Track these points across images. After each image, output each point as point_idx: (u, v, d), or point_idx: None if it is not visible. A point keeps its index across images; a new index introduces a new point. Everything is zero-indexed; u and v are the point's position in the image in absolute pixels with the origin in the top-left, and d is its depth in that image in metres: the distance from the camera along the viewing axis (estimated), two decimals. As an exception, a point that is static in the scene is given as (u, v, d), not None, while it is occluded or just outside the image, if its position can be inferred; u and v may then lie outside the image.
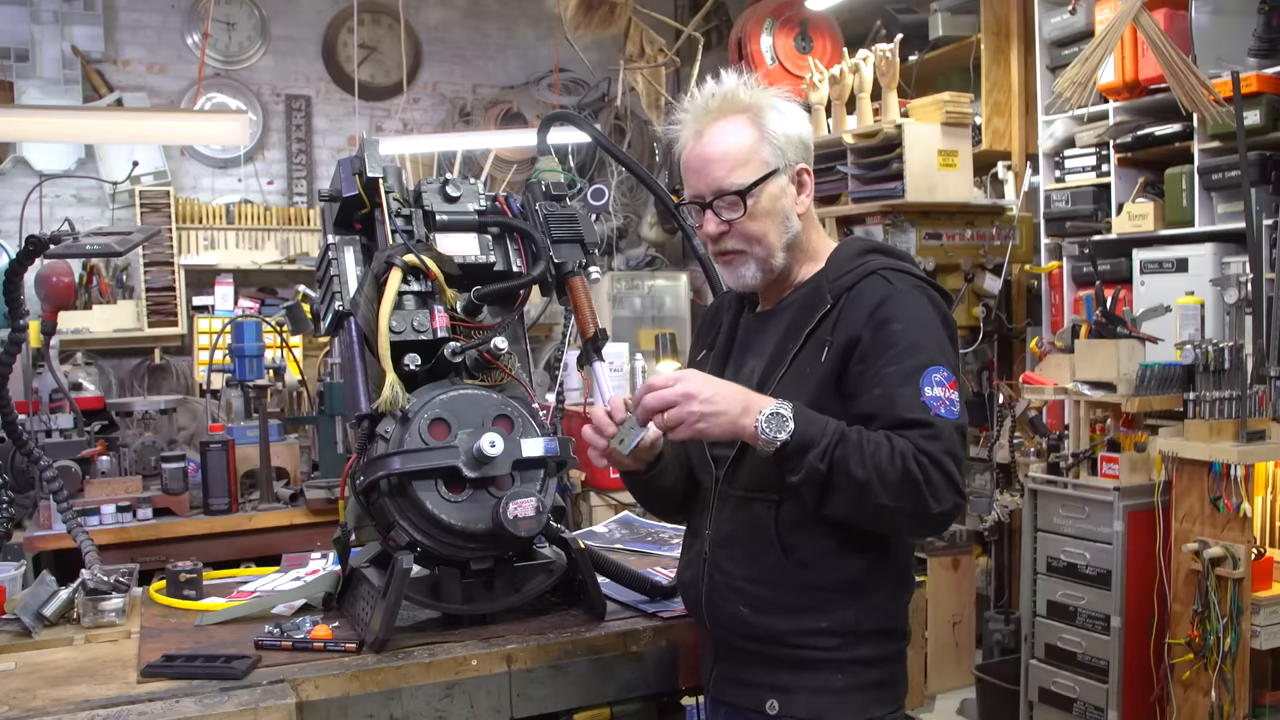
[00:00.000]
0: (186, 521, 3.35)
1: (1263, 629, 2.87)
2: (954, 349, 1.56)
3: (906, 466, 1.42)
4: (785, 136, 1.63)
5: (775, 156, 1.62)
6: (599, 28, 4.92)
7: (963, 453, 1.49)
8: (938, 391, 1.48)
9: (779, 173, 1.62)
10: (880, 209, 4.10)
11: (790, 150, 1.63)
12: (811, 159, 1.67)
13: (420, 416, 1.70)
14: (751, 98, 1.64)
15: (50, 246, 2.17)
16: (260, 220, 6.08)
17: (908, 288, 1.56)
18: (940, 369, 1.49)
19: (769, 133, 1.62)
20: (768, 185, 1.61)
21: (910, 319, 1.52)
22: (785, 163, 1.62)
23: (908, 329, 1.51)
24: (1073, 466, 3.38)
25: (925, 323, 1.53)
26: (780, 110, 1.64)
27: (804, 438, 1.44)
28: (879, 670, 1.57)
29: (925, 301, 1.56)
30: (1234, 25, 3.56)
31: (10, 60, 5.59)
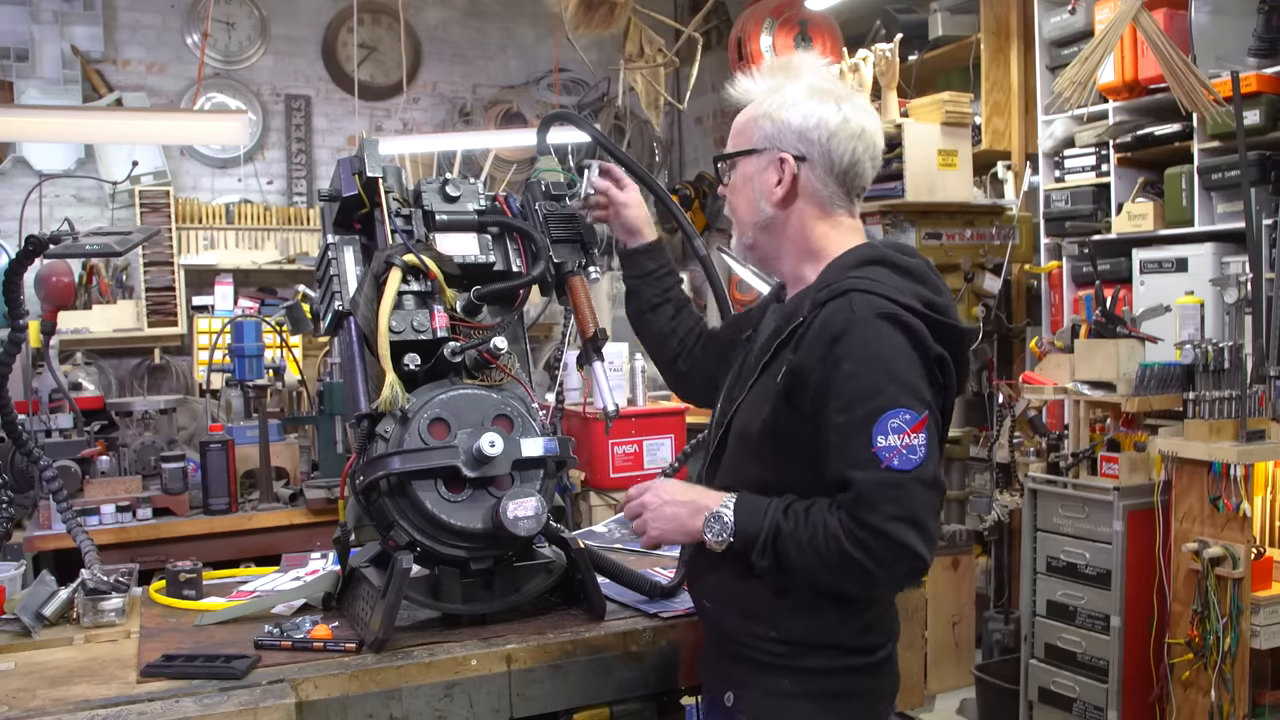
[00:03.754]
0: (186, 521, 3.35)
1: (1262, 629, 2.87)
2: (928, 380, 1.45)
3: (842, 549, 1.39)
4: (782, 123, 1.59)
5: (762, 138, 1.61)
6: (599, 28, 4.92)
7: (928, 499, 1.41)
8: (892, 440, 1.39)
9: (759, 153, 1.61)
10: (880, 209, 4.10)
11: (783, 137, 1.59)
12: (815, 155, 1.59)
13: (420, 416, 1.70)
14: (781, 79, 1.63)
15: (50, 246, 2.17)
16: (260, 220, 6.08)
17: (870, 317, 1.44)
18: (898, 413, 1.39)
19: (767, 114, 1.60)
20: (743, 162, 1.63)
21: (865, 358, 1.42)
22: (767, 145, 1.60)
23: (860, 370, 1.42)
24: (1072, 466, 3.38)
25: (883, 358, 1.42)
26: (795, 99, 1.59)
27: (745, 537, 1.48)
28: (834, 680, 1.53)
29: (889, 334, 1.43)
30: (1234, 25, 3.56)
31: (10, 60, 5.60)
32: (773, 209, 1.61)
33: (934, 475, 1.42)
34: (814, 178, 1.60)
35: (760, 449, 1.56)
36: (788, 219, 1.61)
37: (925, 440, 1.40)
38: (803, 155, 1.59)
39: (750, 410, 1.57)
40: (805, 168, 1.59)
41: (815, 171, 1.60)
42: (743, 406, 1.60)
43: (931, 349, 1.46)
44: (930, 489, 1.42)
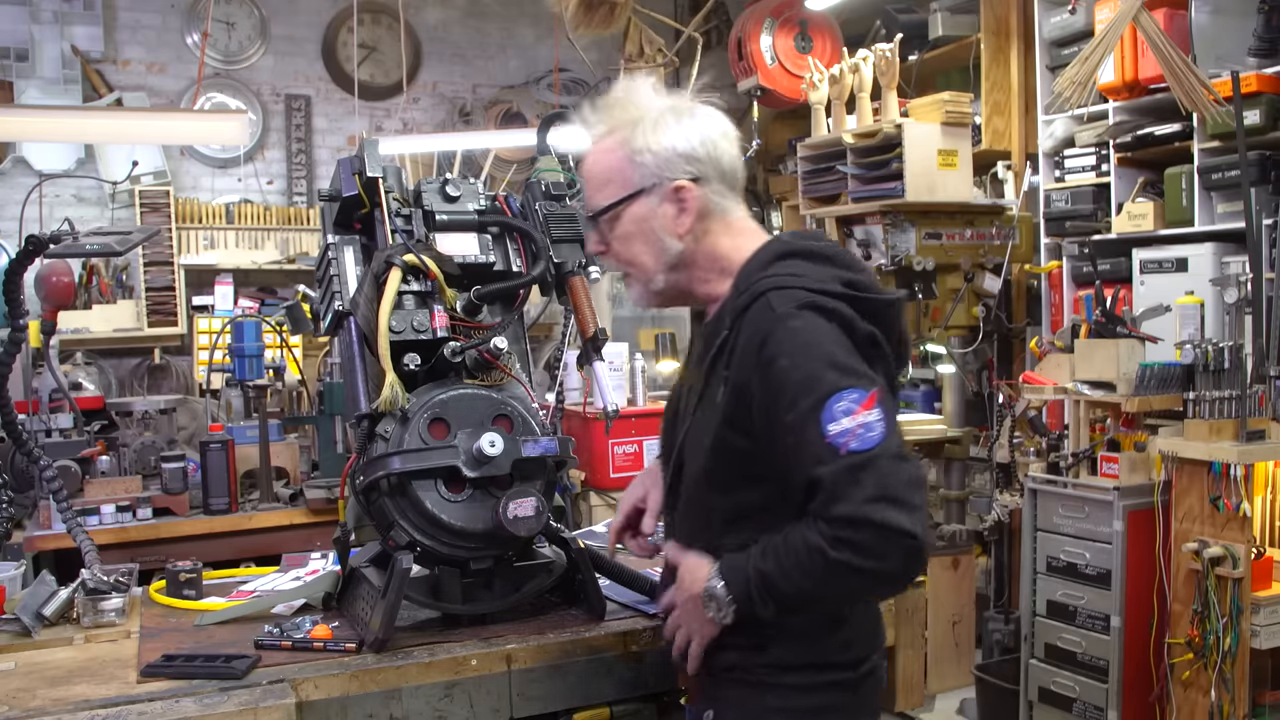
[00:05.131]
0: (186, 521, 3.35)
1: (1262, 629, 2.87)
2: (863, 356, 1.39)
3: (827, 559, 1.31)
4: (658, 152, 1.49)
5: (643, 175, 1.50)
6: (599, 27, 4.92)
7: (902, 472, 1.32)
8: (844, 423, 1.31)
9: (646, 193, 1.50)
10: (880, 209, 4.10)
11: (666, 167, 1.49)
12: (708, 170, 1.51)
13: (420, 416, 1.70)
14: (633, 112, 1.52)
15: (50, 246, 2.18)
16: (260, 220, 6.08)
17: (791, 310, 1.38)
18: (843, 394, 1.32)
19: (638, 149, 1.50)
20: (630, 208, 1.51)
21: (796, 349, 1.36)
22: (656, 180, 1.50)
23: (795, 363, 1.36)
24: (1072, 466, 3.37)
25: (815, 346, 1.37)
26: (660, 123, 1.50)
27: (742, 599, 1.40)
28: (815, 696, 1.48)
29: (814, 322, 1.38)
30: (1234, 25, 3.56)
31: (10, 60, 5.59)
32: (681, 243, 1.51)
33: (898, 448, 1.34)
34: (713, 194, 1.52)
35: (716, 477, 1.49)
36: (697, 246, 1.52)
37: (881, 414, 1.32)
38: (697, 176, 1.50)
39: (697, 439, 1.51)
40: (702, 188, 1.51)
41: (713, 187, 1.52)
42: (689, 436, 1.53)
43: (860, 328, 1.41)
44: (899, 460, 1.33)
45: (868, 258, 4.19)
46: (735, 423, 1.43)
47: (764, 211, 6.45)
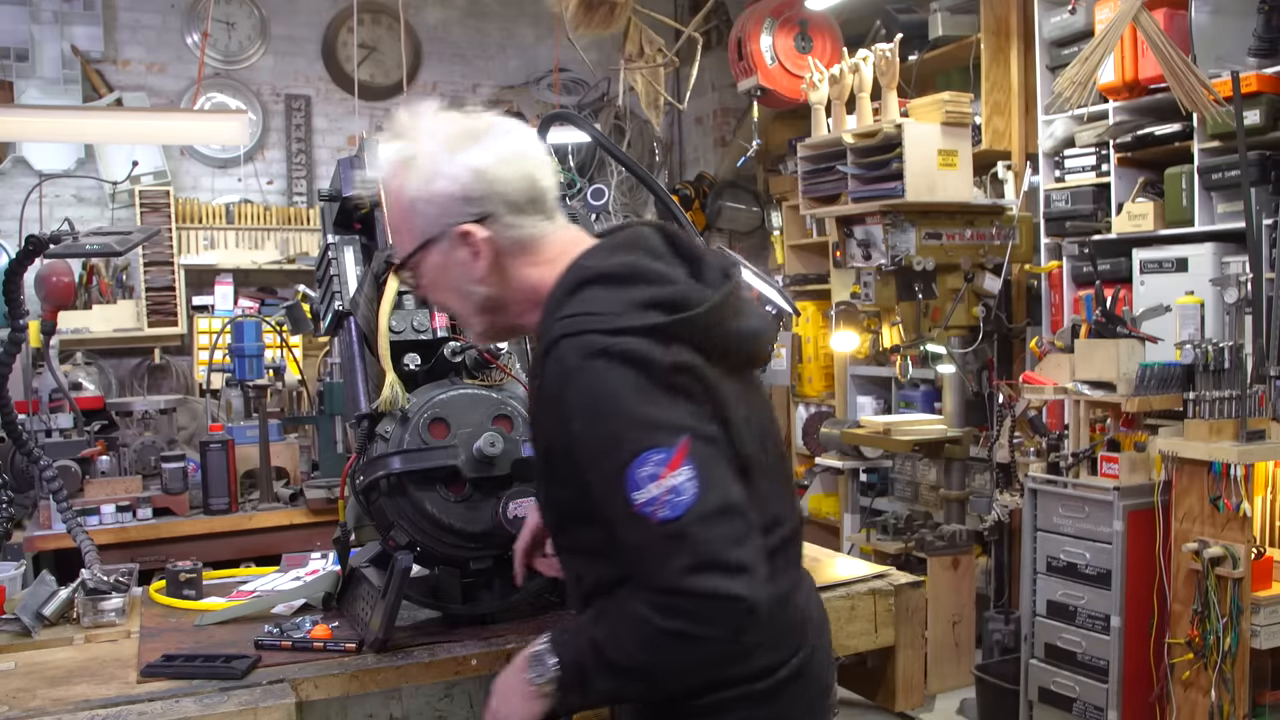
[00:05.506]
0: (186, 521, 3.35)
1: (1262, 629, 2.87)
2: (672, 389, 1.26)
3: (660, 629, 1.23)
4: (433, 200, 1.37)
5: (427, 224, 1.39)
6: (599, 27, 4.92)
7: (719, 532, 1.21)
8: (651, 490, 1.21)
9: (435, 242, 1.39)
10: (880, 209, 4.09)
11: (445, 214, 1.37)
12: (493, 206, 1.37)
13: (420, 416, 1.71)
14: (408, 153, 1.39)
15: (50, 246, 2.18)
16: (260, 220, 6.08)
17: (579, 362, 1.26)
18: (645, 457, 1.22)
19: (414, 199, 1.39)
20: (425, 258, 1.41)
21: (589, 411, 1.26)
22: (440, 228, 1.38)
23: (590, 426, 1.26)
24: (1072, 466, 3.38)
25: (608, 402, 1.25)
26: (432, 167, 1.37)
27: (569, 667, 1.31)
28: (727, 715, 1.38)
29: (606, 372, 1.25)
30: (1234, 25, 3.56)
31: (10, 60, 5.59)
32: (484, 286, 1.40)
33: (717, 504, 1.23)
34: (505, 228, 1.38)
35: (556, 522, 1.44)
36: (505, 285, 1.41)
37: (691, 470, 1.22)
38: (481, 215, 1.37)
39: (541, 494, 1.47)
40: (491, 225, 1.38)
41: (503, 221, 1.38)
42: (539, 491, 1.49)
43: (662, 362, 1.26)
44: (717, 519, 1.22)
45: (868, 258, 4.19)
46: (553, 477, 1.38)
47: (764, 211, 6.45)
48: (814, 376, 5.94)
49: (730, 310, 1.36)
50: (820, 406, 5.88)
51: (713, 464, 1.25)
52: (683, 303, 1.31)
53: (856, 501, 5.22)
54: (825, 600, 1.95)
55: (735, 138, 6.53)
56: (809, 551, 2.34)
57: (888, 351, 4.52)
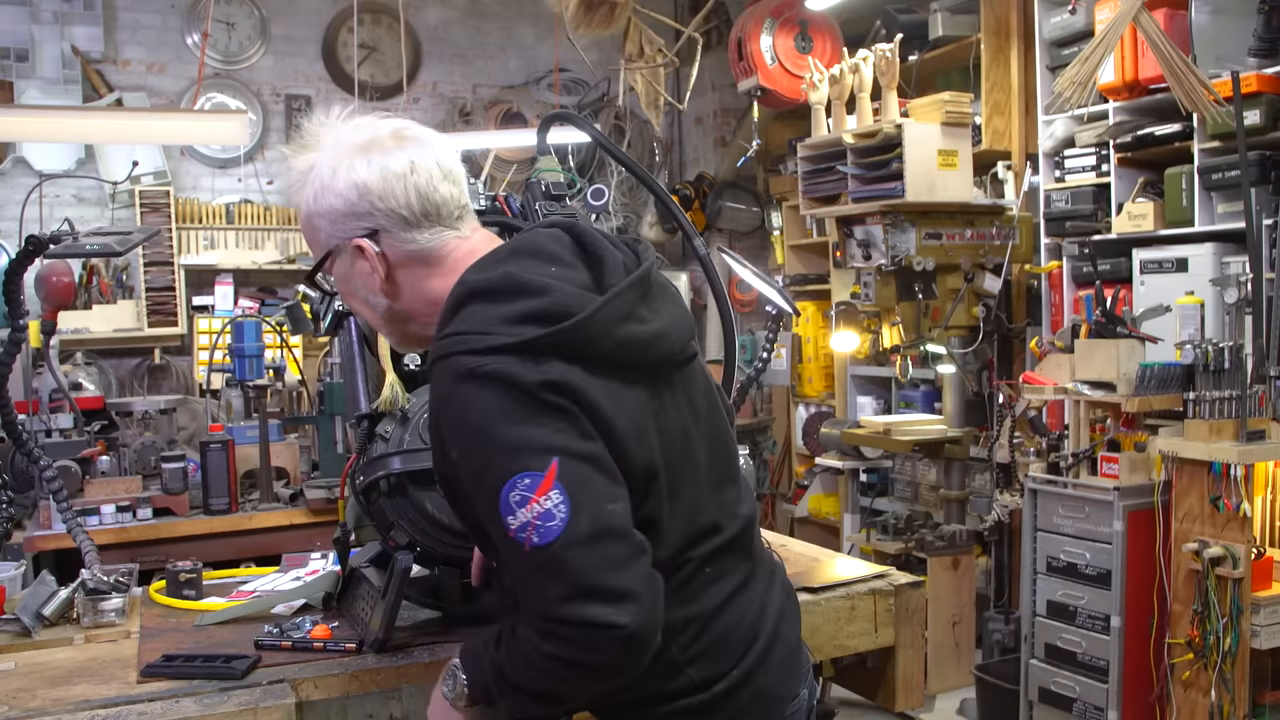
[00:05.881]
0: (186, 521, 3.35)
1: (1262, 629, 2.87)
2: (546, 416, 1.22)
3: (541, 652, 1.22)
4: (330, 212, 1.39)
5: (326, 238, 1.41)
6: (599, 27, 4.92)
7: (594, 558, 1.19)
8: (522, 516, 1.19)
9: (335, 254, 1.41)
10: (880, 209, 4.10)
11: (337, 228, 1.39)
12: (383, 220, 1.37)
13: (420, 416, 1.71)
14: (303, 165, 1.42)
15: (50, 246, 2.18)
16: (260, 220, 6.08)
17: (451, 387, 1.25)
18: (514, 482, 1.19)
19: (311, 214, 1.41)
20: (331, 268, 1.44)
21: (461, 436, 1.25)
22: (337, 242, 1.40)
23: (463, 452, 1.25)
24: (1073, 466, 3.38)
25: (477, 429, 1.23)
26: (321, 183, 1.39)
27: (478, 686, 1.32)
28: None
29: (473, 396, 1.23)
30: (1234, 25, 3.56)
31: (10, 60, 5.59)
32: (385, 298, 1.41)
33: (590, 528, 1.19)
34: (398, 242, 1.38)
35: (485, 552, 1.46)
36: (404, 296, 1.41)
37: (562, 494, 1.19)
38: (370, 229, 1.38)
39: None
40: (384, 239, 1.38)
41: (395, 236, 1.38)
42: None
43: (529, 380, 1.22)
44: (591, 544, 1.19)
45: (868, 258, 4.19)
46: (453, 500, 1.38)
47: (764, 212, 6.45)
48: (814, 376, 5.94)
49: (623, 313, 1.30)
50: (820, 406, 5.88)
51: (586, 485, 1.21)
52: (559, 313, 1.26)
53: (856, 501, 5.22)
54: (825, 600, 1.95)
55: (735, 138, 6.53)
56: (809, 552, 2.34)
57: (888, 351, 4.52)
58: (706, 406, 1.44)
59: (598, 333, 1.27)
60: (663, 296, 1.39)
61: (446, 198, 1.40)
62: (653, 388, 1.33)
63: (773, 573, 1.49)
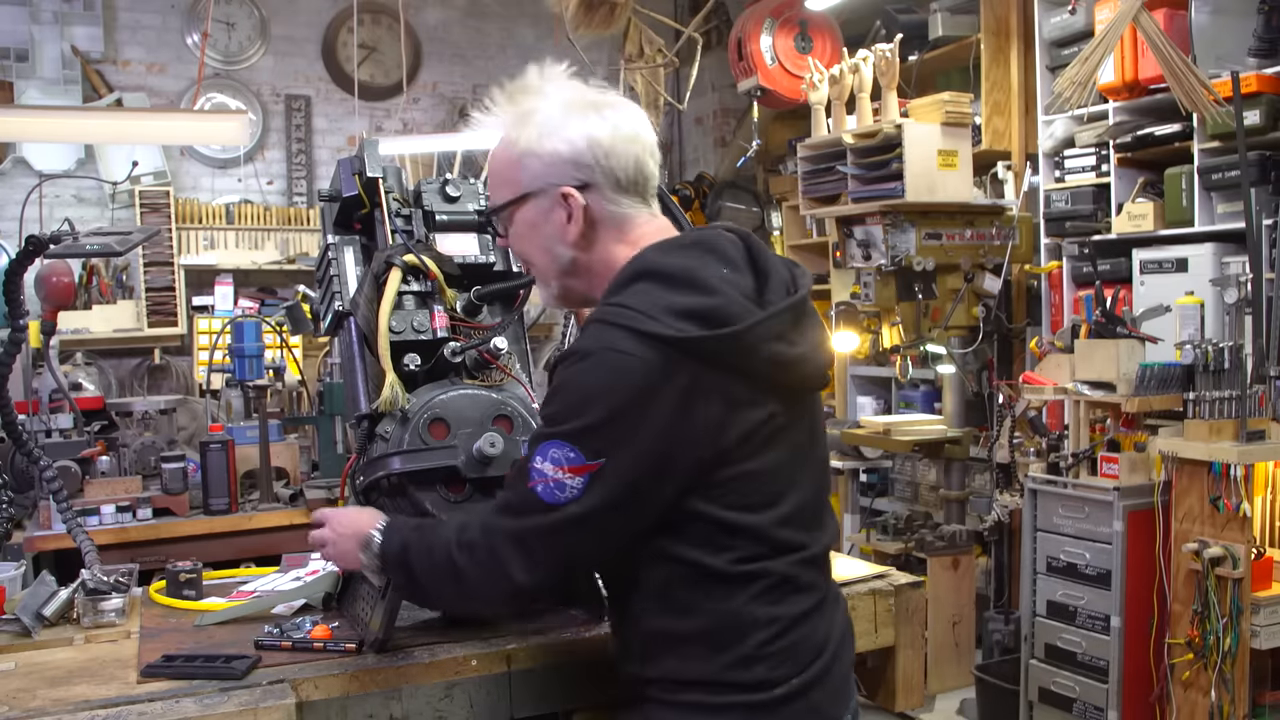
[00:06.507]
0: (186, 521, 3.35)
1: (1262, 629, 2.87)
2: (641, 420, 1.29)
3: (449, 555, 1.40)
4: (550, 154, 1.41)
5: (531, 178, 1.43)
6: (599, 28, 4.92)
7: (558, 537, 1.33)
8: (547, 469, 1.31)
9: (534, 197, 1.44)
10: (880, 209, 4.10)
11: (550, 173, 1.42)
12: (598, 176, 1.41)
13: (420, 416, 1.70)
14: (527, 107, 1.44)
15: (50, 246, 2.18)
16: (260, 220, 6.09)
17: (599, 347, 1.31)
18: (563, 446, 1.31)
19: (523, 152, 1.43)
20: (519, 211, 1.46)
21: (572, 385, 1.33)
22: (543, 185, 1.42)
23: (562, 394, 1.35)
24: (1072, 466, 3.38)
25: (584, 392, 1.32)
26: (550, 124, 1.42)
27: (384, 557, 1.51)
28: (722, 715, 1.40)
29: (607, 365, 1.30)
30: (1234, 25, 3.56)
31: (10, 60, 5.60)
32: (572, 250, 1.45)
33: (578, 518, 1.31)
34: (605, 200, 1.43)
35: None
36: (591, 253, 1.45)
37: (583, 486, 1.30)
38: (585, 182, 1.42)
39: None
40: (592, 194, 1.42)
41: (604, 194, 1.43)
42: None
43: (659, 379, 1.29)
44: (564, 532, 1.33)
45: (868, 258, 4.19)
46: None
47: (764, 212, 6.45)
48: (814, 376, 5.93)
49: (775, 333, 1.36)
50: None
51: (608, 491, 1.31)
52: (721, 318, 1.32)
53: (856, 501, 5.22)
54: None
55: (735, 138, 6.53)
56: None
57: (888, 352, 4.52)
58: (819, 432, 1.52)
59: (750, 346, 1.34)
60: (811, 324, 1.46)
61: (651, 174, 1.47)
62: (784, 404, 1.39)
63: (838, 600, 1.55)
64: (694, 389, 1.31)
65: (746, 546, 1.37)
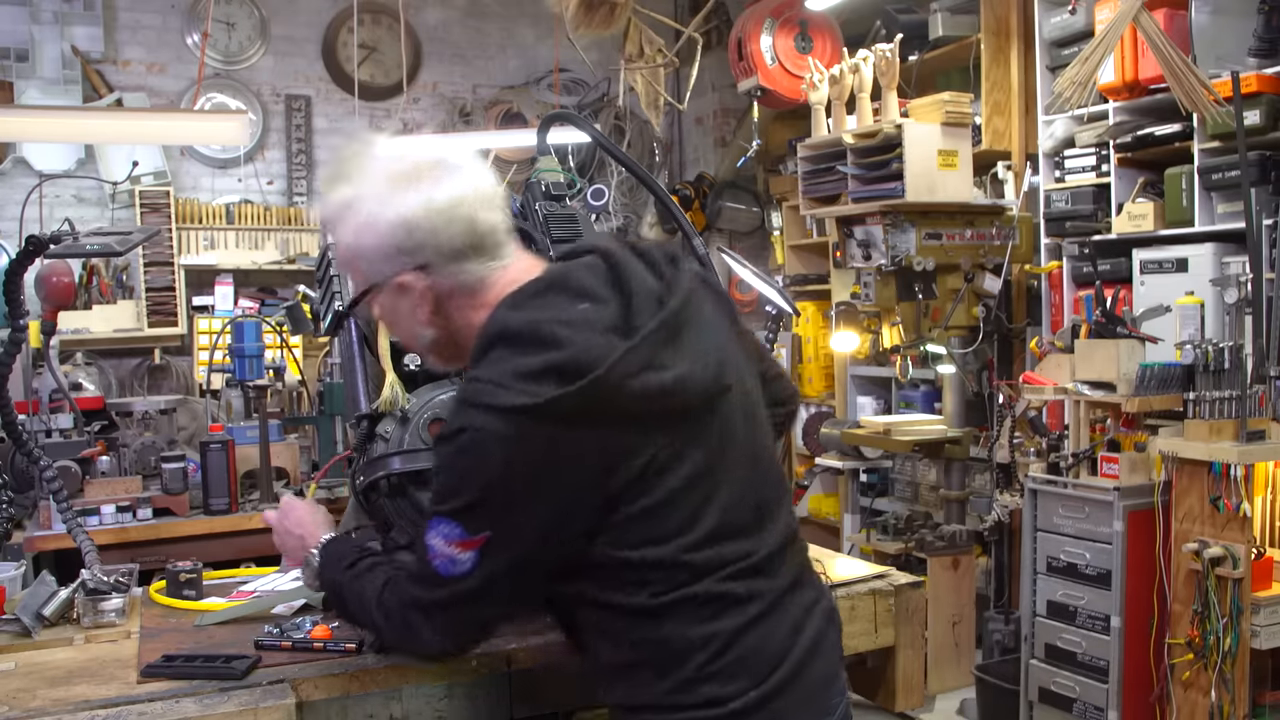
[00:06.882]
0: (186, 521, 3.35)
1: (1262, 629, 2.87)
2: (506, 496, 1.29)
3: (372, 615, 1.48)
4: (369, 251, 1.38)
5: (368, 272, 1.41)
6: (599, 28, 4.92)
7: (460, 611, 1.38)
8: (439, 545, 1.32)
9: (376, 288, 1.41)
10: (880, 209, 4.10)
11: (383, 263, 1.38)
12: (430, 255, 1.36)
13: (420, 416, 1.70)
14: (348, 194, 1.39)
15: (50, 246, 2.18)
16: (260, 220, 6.08)
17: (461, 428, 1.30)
18: (448, 523, 1.31)
19: (352, 248, 1.40)
20: (371, 300, 1.44)
21: (445, 466, 1.34)
22: (380, 278, 1.40)
23: (441, 474, 1.35)
24: (1073, 466, 3.37)
25: (456, 472, 1.32)
26: (370, 215, 1.36)
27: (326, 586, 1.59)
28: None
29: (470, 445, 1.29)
30: (1234, 25, 3.56)
31: (10, 60, 5.59)
32: (430, 329, 1.42)
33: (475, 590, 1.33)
34: (446, 275, 1.38)
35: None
36: (450, 325, 1.42)
37: (473, 559, 1.31)
38: (419, 264, 1.37)
39: None
40: (431, 273, 1.38)
41: (443, 269, 1.38)
42: None
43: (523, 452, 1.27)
44: (465, 603, 1.37)
45: (868, 258, 4.19)
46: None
47: (764, 212, 6.45)
48: (814, 376, 5.94)
49: (642, 362, 1.29)
50: (820, 406, 5.88)
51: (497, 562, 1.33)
52: (575, 369, 1.26)
53: (856, 502, 5.22)
54: (825, 600, 1.95)
55: (735, 138, 6.53)
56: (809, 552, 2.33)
57: (888, 352, 4.52)
58: (745, 432, 1.43)
59: (612, 389, 1.27)
60: (696, 331, 1.37)
61: (491, 226, 1.39)
62: (673, 429, 1.33)
63: (817, 600, 1.49)
64: (561, 449, 1.27)
65: (661, 579, 1.33)
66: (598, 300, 1.35)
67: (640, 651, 1.36)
